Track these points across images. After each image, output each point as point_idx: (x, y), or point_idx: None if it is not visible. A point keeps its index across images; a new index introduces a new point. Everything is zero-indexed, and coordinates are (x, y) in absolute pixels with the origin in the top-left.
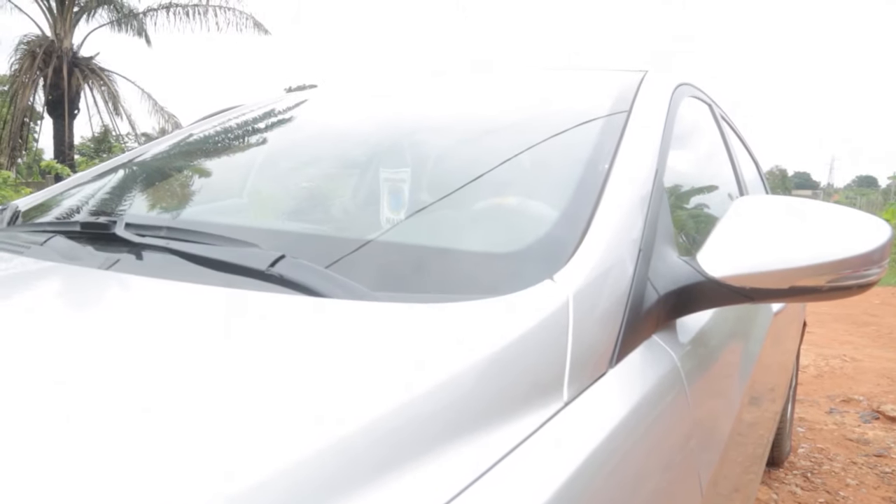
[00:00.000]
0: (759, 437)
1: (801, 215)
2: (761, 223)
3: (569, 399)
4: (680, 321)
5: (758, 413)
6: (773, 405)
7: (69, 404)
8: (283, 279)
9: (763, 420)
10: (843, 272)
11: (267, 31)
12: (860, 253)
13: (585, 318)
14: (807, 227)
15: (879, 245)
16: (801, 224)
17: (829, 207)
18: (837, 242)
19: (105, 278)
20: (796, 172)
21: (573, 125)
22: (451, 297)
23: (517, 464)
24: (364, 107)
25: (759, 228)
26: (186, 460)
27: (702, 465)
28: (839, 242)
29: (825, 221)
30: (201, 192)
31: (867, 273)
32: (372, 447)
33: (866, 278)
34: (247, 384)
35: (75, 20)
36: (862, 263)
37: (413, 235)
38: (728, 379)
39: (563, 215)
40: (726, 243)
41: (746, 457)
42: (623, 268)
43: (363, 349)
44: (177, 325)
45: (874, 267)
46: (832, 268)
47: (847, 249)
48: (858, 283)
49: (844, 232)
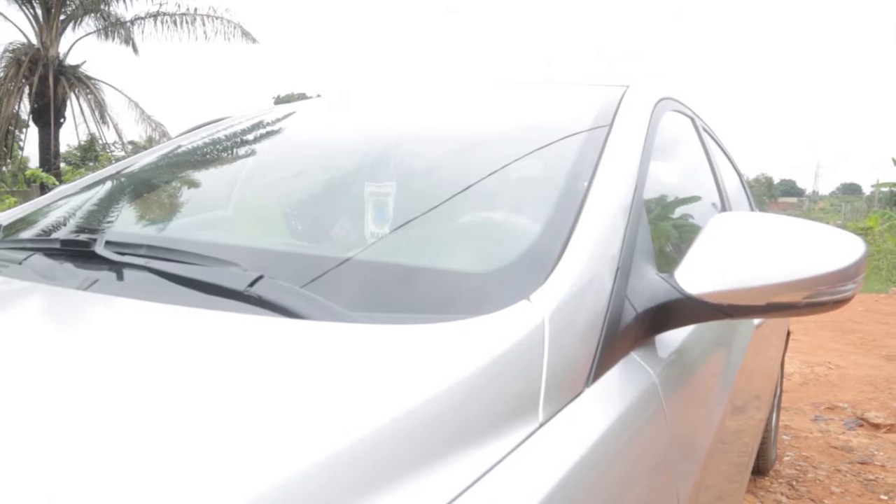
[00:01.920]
0: (744, 445)
1: (778, 232)
2: (738, 240)
3: (544, 420)
4: (659, 337)
5: (742, 423)
6: (758, 414)
7: (36, 432)
8: (261, 300)
9: (747, 429)
10: (820, 288)
11: (255, 41)
12: (836, 269)
13: (561, 338)
14: (783, 243)
15: (854, 261)
16: (778, 241)
17: (805, 224)
18: (814, 259)
19: (81, 299)
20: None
21: (553, 141)
22: (428, 317)
23: (490, 487)
24: (346, 121)
25: (736, 245)
26: (163, 485)
27: (680, 478)
28: (815, 259)
29: (801, 238)
30: (184, 207)
31: (843, 289)
32: (342, 472)
33: (842, 294)
34: (214, 410)
35: (61, 28)
36: (838, 279)
37: (392, 254)
38: (708, 391)
39: (541, 234)
40: (704, 260)
41: (730, 466)
42: (601, 286)
43: (337, 372)
44: (149, 349)
45: (849, 283)
46: (809, 284)
47: (823, 266)
48: (834, 298)
49: (820, 248)
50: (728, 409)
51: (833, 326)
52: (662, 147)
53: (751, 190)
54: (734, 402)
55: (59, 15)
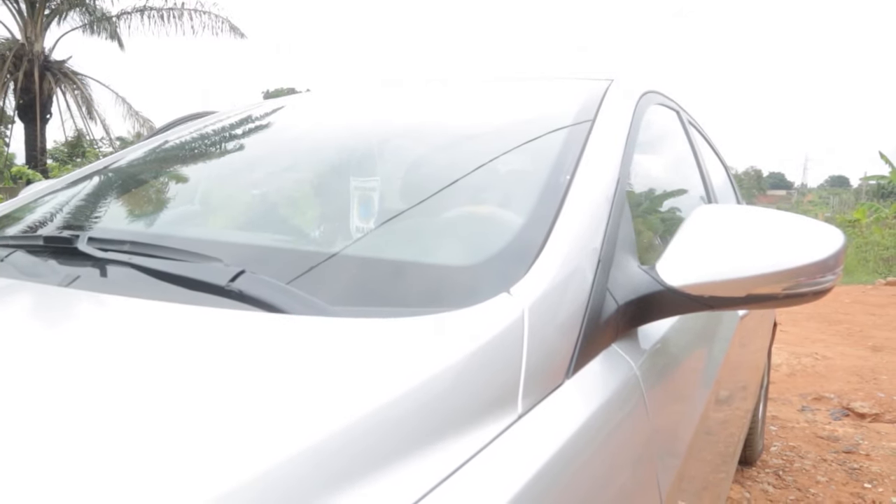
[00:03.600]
0: (730, 436)
1: (758, 224)
2: (719, 232)
3: (523, 411)
4: (641, 329)
5: (727, 413)
6: (744, 405)
7: (17, 427)
8: (242, 295)
9: (733, 420)
10: (799, 279)
11: (243, 35)
12: (815, 261)
13: (541, 331)
14: (763, 236)
15: (832, 253)
16: (758, 233)
17: (785, 217)
18: (793, 251)
19: (63, 296)
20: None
21: (536, 136)
22: (409, 311)
23: (467, 478)
24: (332, 117)
25: (717, 238)
26: (141, 479)
27: (662, 470)
28: (795, 251)
29: (781, 230)
30: (169, 203)
31: (822, 280)
32: (322, 465)
33: (821, 285)
34: (194, 405)
35: (46, 23)
36: (817, 271)
37: (374, 249)
38: (691, 383)
39: (522, 227)
40: (684, 253)
41: (715, 457)
42: (582, 278)
43: (317, 366)
44: (129, 345)
45: (829, 274)
46: (788, 275)
47: (802, 257)
48: (813, 289)
49: (800, 240)
50: (712, 401)
51: (820, 318)
52: (646, 140)
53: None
54: (719, 394)
55: (43, 9)
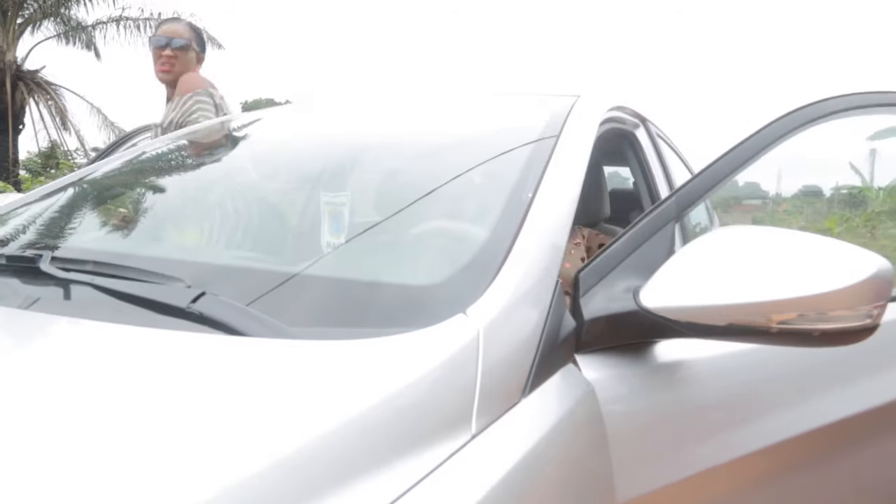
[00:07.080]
0: None
1: (757, 247)
2: (717, 255)
3: (477, 431)
4: (618, 349)
5: None
6: None
7: None
8: (202, 317)
9: None
10: (790, 314)
11: (221, 46)
12: (814, 294)
13: (496, 351)
14: (765, 260)
15: (851, 284)
16: (759, 257)
17: (794, 239)
18: (793, 278)
19: (22, 318)
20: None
21: (499, 153)
22: (367, 332)
23: (417, 499)
24: (302, 133)
25: (714, 260)
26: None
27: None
28: (795, 279)
29: (794, 254)
30: (136, 220)
31: (829, 318)
32: (271, 488)
33: (831, 323)
34: (147, 429)
35: (19, 32)
36: (817, 306)
37: (335, 269)
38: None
39: (482, 247)
40: (670, 275)
41: None
42: (539, 297)
43: (271, 389)
44: (83, 369)
45: (842, 311)
46: (781, 307)
47: (800, 288)
48: (824, 328)
49: (809, 266)
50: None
51: None
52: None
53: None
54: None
55: (16, 18)
